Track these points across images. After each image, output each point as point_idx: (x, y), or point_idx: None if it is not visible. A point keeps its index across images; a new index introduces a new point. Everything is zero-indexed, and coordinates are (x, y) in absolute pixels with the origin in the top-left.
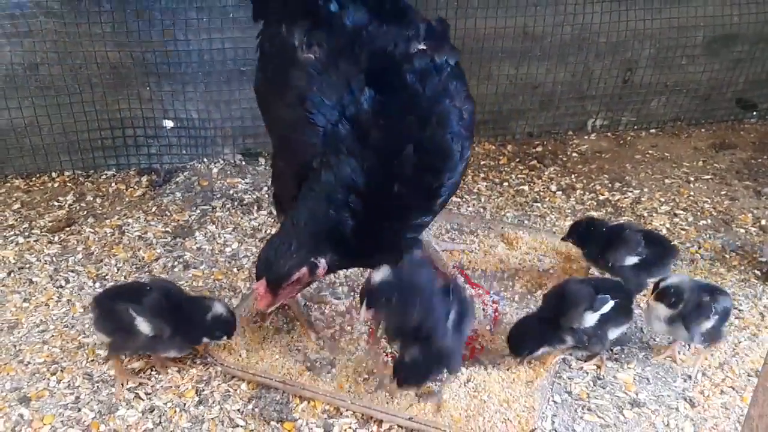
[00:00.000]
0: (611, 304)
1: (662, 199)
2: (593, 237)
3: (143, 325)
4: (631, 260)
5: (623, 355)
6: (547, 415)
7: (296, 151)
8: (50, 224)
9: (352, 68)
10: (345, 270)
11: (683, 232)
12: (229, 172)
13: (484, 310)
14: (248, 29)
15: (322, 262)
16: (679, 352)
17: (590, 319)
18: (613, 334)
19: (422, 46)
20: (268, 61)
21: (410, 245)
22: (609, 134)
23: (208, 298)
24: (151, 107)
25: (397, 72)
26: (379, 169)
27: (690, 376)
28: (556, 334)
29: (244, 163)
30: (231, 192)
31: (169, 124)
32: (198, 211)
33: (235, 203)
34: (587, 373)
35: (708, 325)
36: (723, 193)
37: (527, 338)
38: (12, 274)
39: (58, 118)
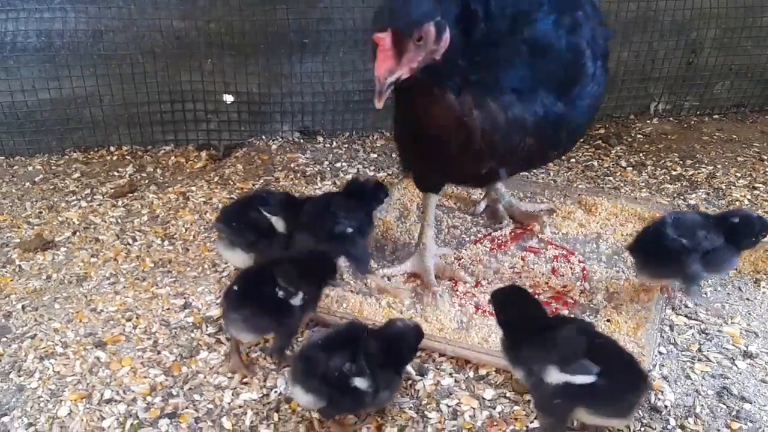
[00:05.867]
0: None
1: (738, 174)
2: None
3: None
4: None
5: (725, 311)
6: (655, 364)
7: None
8: (112, 191)
9: None
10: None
11: (766, 203)
12: (288, 148)
13: (571, 268)
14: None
15: (447, 31)
16: None
17: None
18: None
19: None
20: None
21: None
22: (671, 119)
23: None
24: (213, 80)
25: None
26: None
27: None
28: None
29: (302, 141)
30: (292, 165)
31: (229, 98)
32: (261, 181)
33: (298, 174)
34: (690, 327)
35: None
36: None
37: None
38: (77, 233)
39: (119, 89)
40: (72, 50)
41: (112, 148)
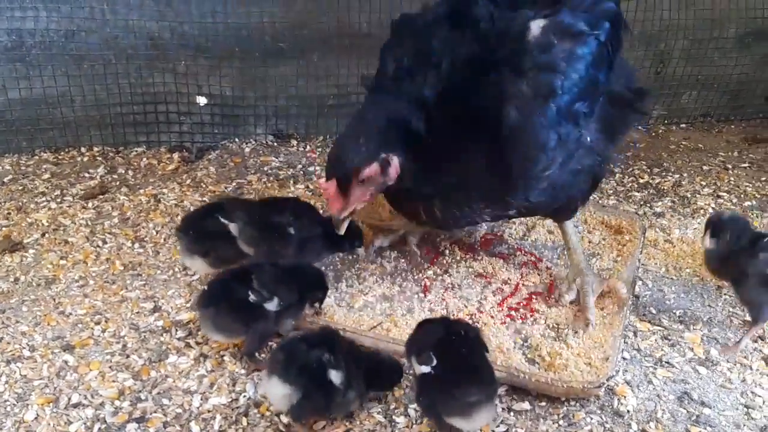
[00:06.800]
0: None
1: (703, 183)
2: None
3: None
4: None
5: (687, 318)
6: (619, 369)
7: None
8: (83, 192)
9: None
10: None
11: (729, 212)
12: (261, 151)
13: (539, 275)
14: (286, 4)
15: (395, 161)
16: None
17: None
18: None
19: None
20: None
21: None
22: (640, 127)
23: None
24: (186, 82)
25: None
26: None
27: (761, 337)
28: None
29: (276, 144)
30: (265, 168)
31: (202, 100)
32: (234, 184)
33: (271, 178)
34: (653, 333)
35: None
36: (763, 179)
37: None
38: (46, 235)
39: (91, 90)
40: (43, 50)
41: (83, 149)
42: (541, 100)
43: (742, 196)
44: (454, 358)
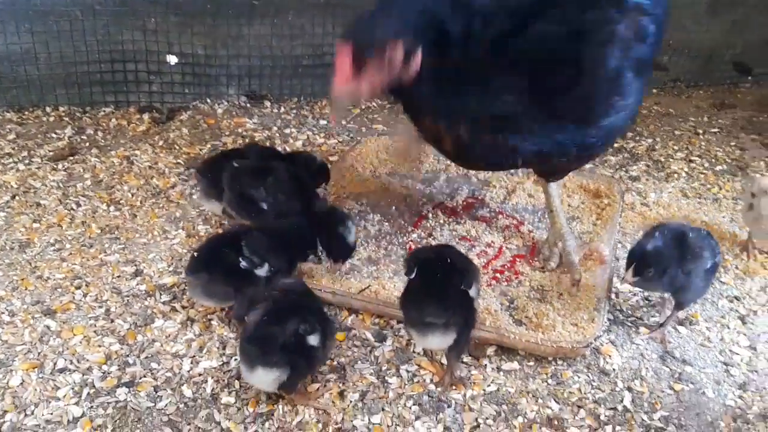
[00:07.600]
0: None
1: (675, 147)
2: None
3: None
4: None
5: None
6: (604, 330)
7: None
8: (51, 153)
9: None
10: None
11: (702, 176)
12: (234, 113)
13: (522, 238)
14: None
15: (419, 53)
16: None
17: None
18: None
19: None
20: None
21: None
22: None
23: None
24: (156, 40)
25: None
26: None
27: (737, 297)
28: None
29: (249, 105)
30: (240, 130)
31: (173, 59)
32: (208, 146)
33: (246, 140)
34: (635, 294)
35: None
36: (732, 144)
37: None
38: (17, 197)
39: (57, 47)
40: (6, 5)
41: (48, 109)
42: (637, 45)
43: (713, 160)
44: (431, 279)
